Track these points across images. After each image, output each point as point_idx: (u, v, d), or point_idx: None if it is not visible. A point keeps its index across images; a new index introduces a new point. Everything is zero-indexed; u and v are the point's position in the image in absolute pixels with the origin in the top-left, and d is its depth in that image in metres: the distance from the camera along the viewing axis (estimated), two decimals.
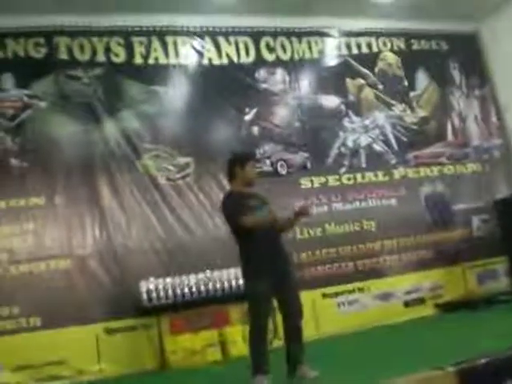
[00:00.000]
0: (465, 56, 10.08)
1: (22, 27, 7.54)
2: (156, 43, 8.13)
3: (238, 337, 7.02)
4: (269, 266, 4.57)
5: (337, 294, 8.11)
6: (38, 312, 6.80)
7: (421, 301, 8.62)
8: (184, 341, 6.91)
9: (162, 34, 8.18)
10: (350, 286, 8.21)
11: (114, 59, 7.90)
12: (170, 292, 7.10)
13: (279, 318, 4.90)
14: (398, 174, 9.07)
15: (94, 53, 7.82)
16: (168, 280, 7.15)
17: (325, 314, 7.81)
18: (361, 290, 8.27)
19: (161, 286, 7.08)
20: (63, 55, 7.71)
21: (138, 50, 8.03)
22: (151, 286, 7.06)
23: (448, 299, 8.68)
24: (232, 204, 4.72)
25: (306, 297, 6.32)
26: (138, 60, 8.01)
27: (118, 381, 6.50)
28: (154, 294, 7.03)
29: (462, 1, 9.04)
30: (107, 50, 7.89)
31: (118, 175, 7.55)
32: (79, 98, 7.64)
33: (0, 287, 6.81)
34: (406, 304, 8.51)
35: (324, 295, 8.02)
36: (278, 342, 6.19)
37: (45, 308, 6.81)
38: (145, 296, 7.01)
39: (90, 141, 7.53)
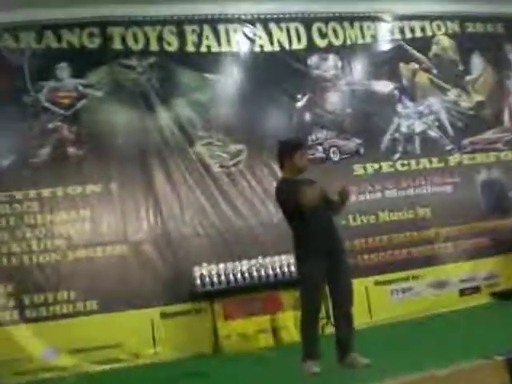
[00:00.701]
0: None
1: (77, 18, 7.68)
2: (208, 31, 8.17)
3: (289, 323, 7.03)
4: (321, 250, 4.55)
5: (390, 282, 8.02)
6: (94, 296, 6.97)
7: (476, 289, 8.45)
8: (237, 326, 6.97)
9: (213, 21, 8.22)
10: (403, 274, 8.11)
11: (167, 48, 7.99)
12: (223, 277, 7.17)
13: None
14: (453, 160, 8.88)
15: (148, 42, 7.93)
16: (221, 265, 7.22)
17: (378, 301, 7.74)
18: (415, 277, 8.15)
19: (214, 272, 7.16)
20: (117, 45, 7.84)
21: (190, 38, 8.09)
22: (204, 272, 7.14)
23: (504, 288, 8.48)
24: (286, 189, 4.72)
25: (359, 284, 6.31)
26: (191, 48, 8.08)
27: (173, 364, 6.59)
28: (207, 280, 7.11)
29: None
30: (160, 38, 7.97)
31: (172, 162, 7.65)
32: (133, 86, 7.77)
33: (58, 272, 7.01)
34: (462, 292, 8.35)
35: (377, 283, 7.94)
36: (331, 328, 6.20)
37: (101, 292, 6.98)
38: (198, 281, 7.10)
39: (144, 129, 7.65)
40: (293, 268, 7.18)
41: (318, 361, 4.45)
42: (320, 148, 8.21)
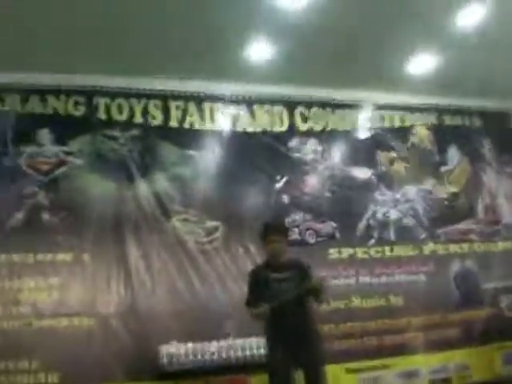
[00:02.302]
0: (497, 133, 10.08)
1: (64, 85, 7.77)
2: (192, 108, 8.30)
3: None
4: (288, 339, 4.49)
5: (360, 370, 7.90)
6: (57, 368, 6.73)
7: (447, 381, 8.35)
8: None
9: (199, 99, 8.36)
10: (373, 362, 8.00)
11: (151, 121, 8.08)
12: (191, 357, 6.99)
13: None
14: (427, 249, 8.95)
15: (132, 114, 8.01)
16: (190, 345, 7.05)
17: None
18: (385, 366, 8.04)
19: (182, 351, 6.98)
20: (102, 115, 7.90)
21: (175, 113, 8.20)
22: (173, 350, 6.97)
23: (475, 380, 8.40)
24: (250, 282, 4.75)
25: (329, 371, 6.15)
26: (174, 123, 8.17)
27: None
28: (174, 359, 6.93)
29: (496, 79, 9.09)
30: (145, 111, 8.07)
31: (147, 235, 7.57)
32: (114, 157, 7.78)
33: (21, 340, 6.76)
34: (432, 383, 8.25)
35: (347, 370, 7.82)
36: None
37: (64, 365, 6.72)
38: (165, 359, 6.91)
39: (121, 200, 7.60)
40: (263, 351, 7.06)
41: None
42: (296, 230, 8.24)
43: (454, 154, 9.77)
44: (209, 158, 8.18)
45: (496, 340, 8.77)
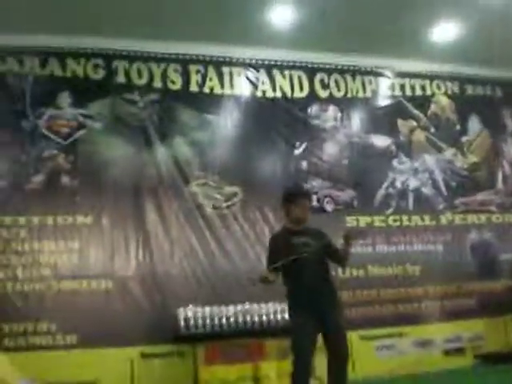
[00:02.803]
0: None
1: (83, 48, 7.75)
2: (212, 73, 8.24)
3: (272, 372, 6.91)
4: (308, 304, 4.50)
5: (375, 337, 7.95)
6: (75, 330, 6.82)
7: (461, 350, 8.37)
8: (218, 371, 6.83)
9: (218, 63, 8.31)
10: (388, 330, 8.04)
11: (170, 86, 8.04)
12: (207, 321, 7.05)
13: (317, 356, 4.79)
14: (445, 219, 8.92)
15: (151, 78, 7.97)
16: (207, 309, 7.11)
17: (362, 356, 7.61)
18: (399, 335, 8.08)
19: (199, 315, 7.04)
20: (121, 78, 7.88)
21: (194, 78, 8.15)
22: (189, 314, 7.03)
23: (489, 350, 8.42)
24: (270, 247, 4.74)
25: None
26: (194, 88, 8.13)
27: None
28: (191, 322, 6.99)
29: None
30: (164, 76, 8.03)
31: (165, 200, 7.60)
32: (133, 121, 7.79)
33: (40, 302, 6.88)
34: (446, 353, 8.28)
35: (362, 337, 7.86)
36: (314, 382, 6.11)
37: (82, 327, 6.81)
38: (182, 323, 6.98)
39: (140, 164, 7.63)
40: (279, 317, 7.12)
41: None
42: (314, 197, 8.20)
43: (474, 124, 9.66)
44: (228, 123, 8.16)
45: (511, 311, 8.75)
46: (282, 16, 7.74)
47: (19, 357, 6.57)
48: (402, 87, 9.27)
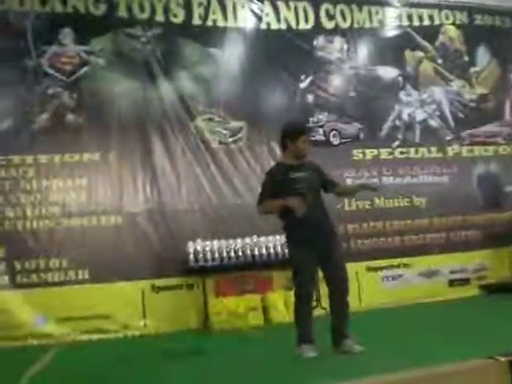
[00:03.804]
0: None
1: None
2: (215, 5, 8.06)
3: (280, 303, 7.06)
4: (309, 236, 4.53)
5: (381, 268, 8.07)
6: (86, 266, 6.94)
7: (466, 281, 8.51)
8: (227, 303, 6.99)
9: None
10: (395, 261, 8.16)
11: (173, 19, 7.88)
12: (216, 254, 7.19)
13: (322, 286, 4.88)
14: (451, 151, 8.90)
15: (153, 12, 7.81)
16: (215, 242, 7.23)
17: (368, 287, 7.78)
18: (406, 265, 8.21)
19: (208, 248, 7.17)
20: (122, 13, 7.72)
21: (197, 11, 7.98)
22: (198, 247, 7.15)
23: (493, 281, 8.55)
24: (266, 182, 4.75)
25: (351, 269, 6.23)
26: (196, 21, 7.97)
27: (162, 337, 6.60)
28: (200, 255, 7.13)
29: None
30: (166, 9, 7.86)
31: (171, 135, 7.60)
32: (136, 56, 7.69)
33: (51, 239, 6.97)
34: (451, 283, 8.41)
35: (368, 268, 7.99)
36: (320, 311, 6.24)
37: (93, 262, 6.94)
38: (192, 256, 7.11)
39: (145, 100, 7.57)
40: (286, 249, 7.20)
41: (313, 344, 4.46)
42: (320, 131, 8.19)
43: (483, 54, 9.50)
44: (232, 56, 8.03)
45: None
46: None
47: (32, 293, 6.70)
48: (410, 17, 9.07)
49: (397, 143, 8.62)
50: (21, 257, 6.81)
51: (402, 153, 8.61)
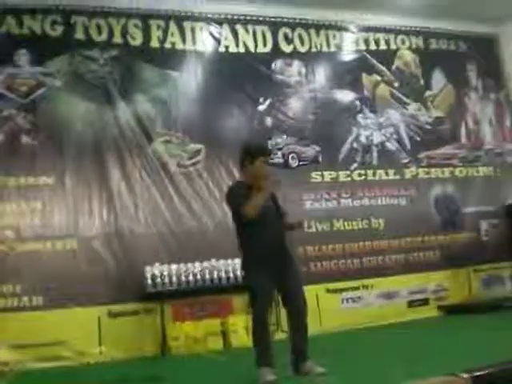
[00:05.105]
0: (482, 58, 10.02)
1: (40, 4, 7.50)
2: (173, 28, 8.07)
3: (240, 327, 7.00)
4: (269, 258, 4.50)
5: (341, 290, 8.08)
6: (41, 291, 6.78)
7: (425, 301, 8.57)
8: (186, 328, 6.91)
9: (179, 18, 8.13)
10: (354, 283, 8.18)
11: (131, 41, 7.86)
12: (174, 278, 7.08)
13: (281, 310, 4.84)
14: (409, 173, 9.02)
15: (111, 34, 7.77)
16: (173, 266, 7.13)
17: (328, 309, 7.77)
18: (365, 287, 8.22)
19: (166, 272, 7.07)
20: (80, 35, 7.66)
21: (155, 33, 7.98)
22: (156, 272, 7.04)
23: (452, 302, 8.64)
24: (236, 194, 4.67)
25: (310, 291, 6.29)
26: (155, 44, 7.96)
27: (118, 364, 6.45)
28: (158, 280, 7.02)
29: (484, 3, 8.92)
30: (124, 31, 7.83)
31: (129, 158, 7.51)
32: (94, 78, 7.62)
33: (4, 264, 6.79)
34: (410, 304, 8.46)
35: (328, 290, 7.98)
36: (280, 335, 6.19)
37: (48, 288, 6.78)
38: (149, 281, 6.99)
39: (101, 122, 7.50)
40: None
41: (273, 368, 4.41)
42: (279, 153, 8.22)
43: (438, 78, 9.71)
44: (191, 79, 8.03)
45: (474, 263, 8.96)
46: None
47: None
48: (366, 41, 9.23)
49: (355, 165, 8.69)
50: None
51: (360, 175, 8.69)
